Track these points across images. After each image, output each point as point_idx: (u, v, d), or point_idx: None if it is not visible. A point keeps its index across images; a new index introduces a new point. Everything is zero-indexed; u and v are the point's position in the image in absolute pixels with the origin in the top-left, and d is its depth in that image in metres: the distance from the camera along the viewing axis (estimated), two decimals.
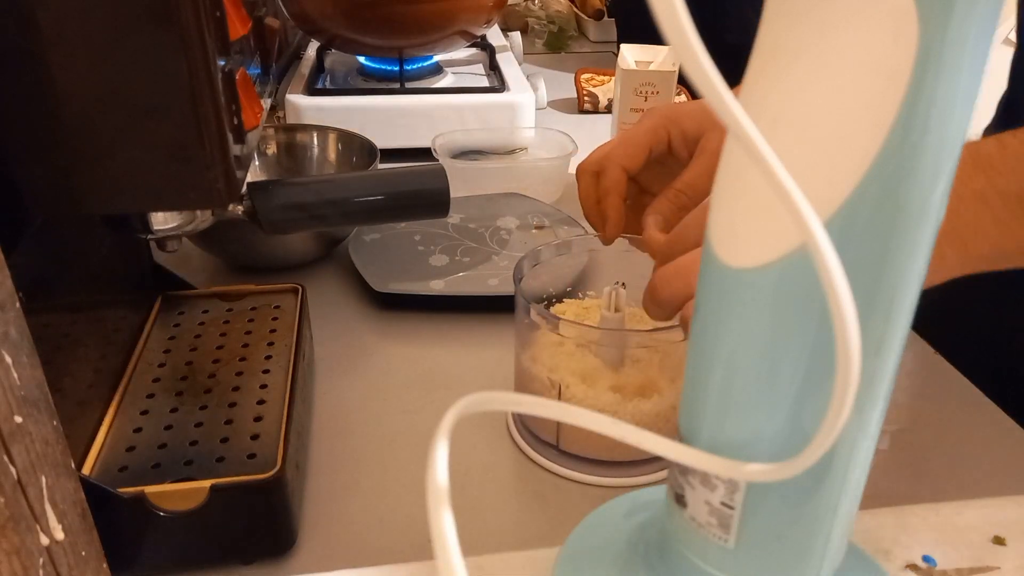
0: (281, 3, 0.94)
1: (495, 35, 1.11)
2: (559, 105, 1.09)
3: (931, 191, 0.25)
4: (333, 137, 0.76)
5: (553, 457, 0.47)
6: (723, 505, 0.31)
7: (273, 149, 0.76)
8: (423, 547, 0.41)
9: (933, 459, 0.49)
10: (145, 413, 0.44)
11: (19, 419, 0.26)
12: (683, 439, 0.32)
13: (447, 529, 0.23)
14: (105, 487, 0.37)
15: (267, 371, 0.48)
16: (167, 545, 0.39)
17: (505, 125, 0.90)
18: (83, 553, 0.31)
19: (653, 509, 0.39)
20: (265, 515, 0.40)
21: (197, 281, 0.57)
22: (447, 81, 0.98)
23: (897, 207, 0.24)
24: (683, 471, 0.32)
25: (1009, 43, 0.70)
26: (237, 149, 0.36)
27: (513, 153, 0.87)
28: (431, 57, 0.99)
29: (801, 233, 0.21)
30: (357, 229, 0.68)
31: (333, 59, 1.02)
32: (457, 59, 1.05)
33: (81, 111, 0.33)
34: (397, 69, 0.93)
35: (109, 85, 0.33)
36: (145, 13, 0.32)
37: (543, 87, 1.04)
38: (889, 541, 0.41)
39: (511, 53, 1.08)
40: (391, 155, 0.81)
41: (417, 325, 0.61)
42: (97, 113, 0.33)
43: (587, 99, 1.07)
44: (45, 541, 0.27)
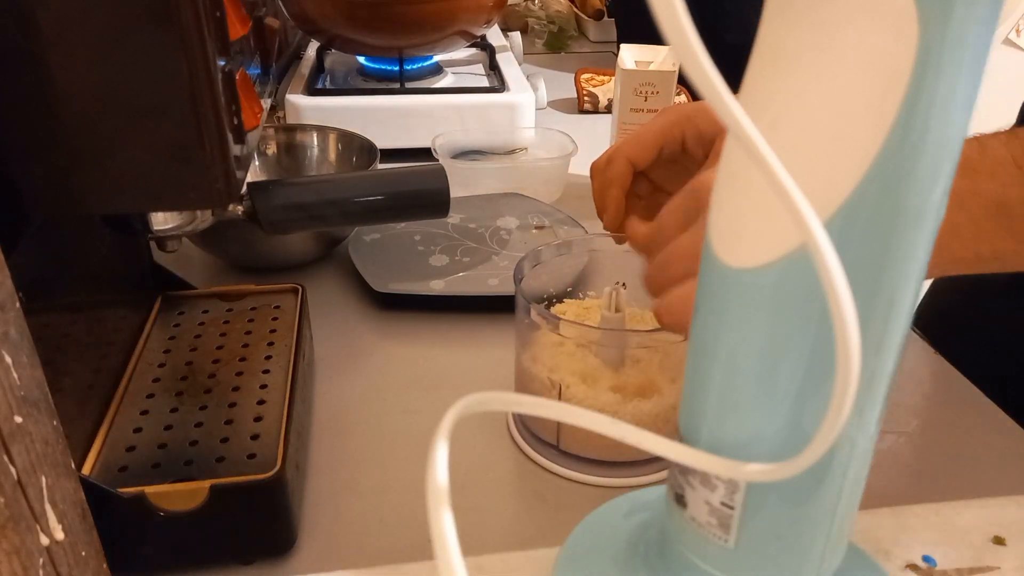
0: (281, 3, 0.94)
1: (495, 35, 1.11)
2: (559, 105, 1.09)
3: (931, 191, 0.25)
4: (333, 137, 0.75)
5: (553, 457, 0.47)
6: (723, 505, 0.31)
7: (273, 149, 0.76)
8: (423, 547, 0.41)
9: (933, 459, 0.49)
10: (145, 413, 0.45)
11: (19, 419, 0.26)
12: (683, 439, 0.32)
13: (447, 529, 0.23)
14: (105, 487, 0.37)
15: (267, 371, 0.48)
16: (167, 545, 0.39)
17: (505, 125, 0.90)
18: (83, 553, 0.31)
19: (653, 509, 0.39)
20: (265, 515, 0.40)
21: (197, 281, 0.57)
22: (447, 81, 0.98)
23: (897, 207, 0.24)
24: (683, 471, 0.32)
25: (1009, 43, 0.70)
26: (237, 149, 0.36)
27: (513, 153, 0.87)
28: (431, 57, 0.99)
29: (801, 233, 0.21)
30: (357, 229, 0.68)
31: (333, 59, 1.02)
32: (457, 59, 1.05)
33: (81, 111, 0.33)
34: (397, 69, 0.93)
35: (109, 85, 0.33)
36: (145, 13, 0.32)
37: (543, 87, 1.04)
38: (889, 541, 0.41)
39: (511, 53, 1.08)
40: (391, 155, 0.81)
41: (417, 325, 0.61)
42: (97, 113, 0.33)
43: (587, 99, 1.07)
44: (45, 541, 0.27)
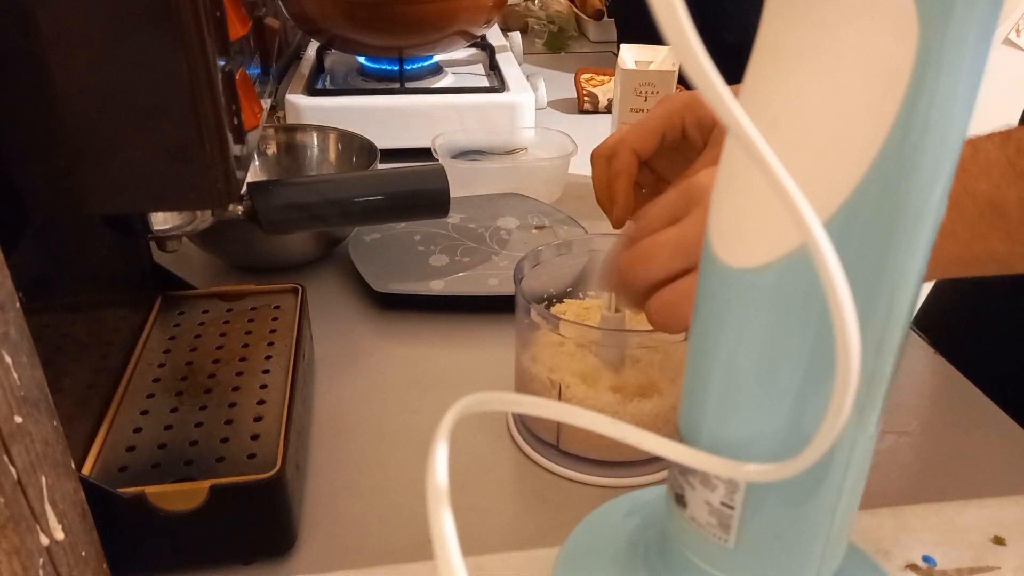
0: (281, 3, 0.94)
1: (495, 35, 1.11)
2: (559, 105, 1.09)
3: (931, 191, 0.25)
4: (333, 137, 0.75)
5: (553, 457, 0.47)
6: (723, 505, 0.31)
7: (273, 149, 0.76)
8: (423, 547, 0.41)
9: (933, 459, 0.49)
10: (145, 413, 0.44)
11: (19, 419, 0.26)
12: (683, 439, 0.32)
13: (447, 529, 0.23)
14: (105, 487, 0.37)
15: (267, 371, 0.48)
16: (167, 545, 0.39)
17: (505, 125, 0.90)
18: (83, 553, 0.31)
19: (653, 509, 0.39)
20: (265, 515, 0.40)
21: (197, 281, 0.57)
22: (447, 81, 0.98)
23: (897, 207, 0.24)
24: (683, 471, 0.32)
25: (1009, 43, 0.70)
26: (237, 149, 0.36)
27: (513, 153, 0.87)
28: (431, 57, 0.99)
29: (801, 233, 0.21)
30: (357, 229, 0.68)
31: (333, 59, 1.02)
32: (457, 59, 1.05)
33: (81, 111, 0.33)
34: (397, 69, 0.93)
35: (109, 85, 0.33)
36: (145, 13, 0.32)
37: (543, 87, 1.04)
38: (889, 541, 0.41)
39: (511, 53, 1.08)
40: (391, 155, 0.81)
41: (417, 325, 0.61)
42: (97, 113, 0.33)
43: (587, 99, 1.07)
44: (45, 541, 0.27)
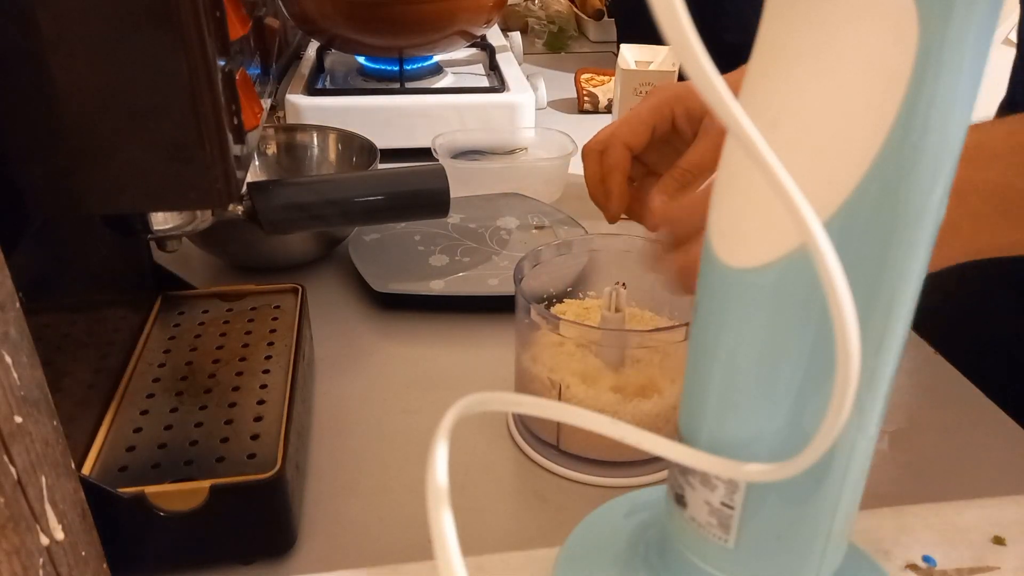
0: (281, 3, 0.94)
1: (495, 35, 1.11)
2: (559, 105, 1.09)
3: (931, 191, 0.25)
4: (333, 137, 0.75)
5: (553, 457, 0.47)
6: (723, 505, 0.31)
7: (273, 149, 0.76)
8: (423, 547, 0.41)
9: (933, 459, 0.49)
10: (145, 413, 0.44)
11: (19, 419, 0.26)
12: (683, 439, 0.32)
13: (447, 529, 0.23)
14: (105, 487, 0.37)
15: (267, 371, 0.48)
16: (167, 545, 0.39)
17: (505, 125, 0.90)
18: (83, 553, 0.31)
19: (653, 509, 0.39)
20: (265, 515, 0.40)
21: (197, 281, 0.57)
22: (447, 81, 0.98)
23: (897, 207, 0.24)
24: (683, 471, 0.32)
25: (1009, 43, 0.70)
26: (237, 149, 0.36)
27: (513, 153, 0.87)
28: (431, 57, 0.99)
29: (801, 233, 0.21)
30: (357, 229, 0.68)
31: (333, 59, 1.02)
32: (457, 59, 1.05)
33: (81, 111, 0.33)
34: (397, 69, 0.93)
35: (109, 85, 0.33)
36: (145, 13, 0.32)
37: (543, 87, 1.04)
38: (889, 541, 0.41)
39: (511, 53, 1.08)
40: (391, 155, 0.81)
41: (417, 325, 0.61)
42: (97, 113, 0.33)
43: (587, 99, 1.07)
44: (45, 541, 0.27)
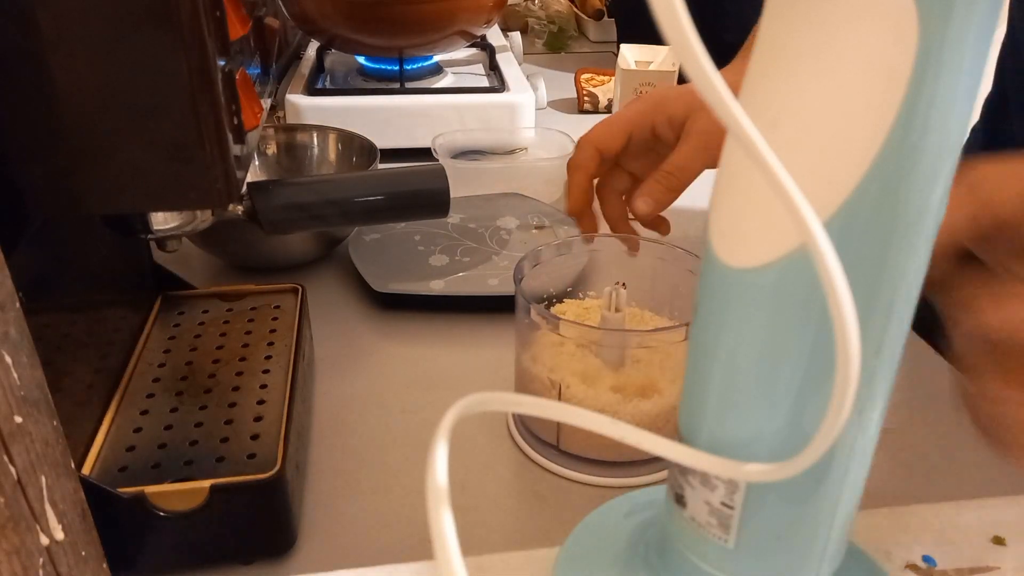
0: (281, 3, 0.94)
1: (495, 35, 1.11)
2: (559, 105, 1.09)
3: (931, 191, 0.25)
4: (333, 137, 0.75)
5: (553, 457, 0.47)
6: (723, 505, 0.31)
7: (273, 149, 0.76)
8: (423, 547, 0.41)
9: (933, 459, 0.49)
10: (145, 413, 0.44)
11: (19, 419, 0.26)
12: (683, 439, 0.32)
13: (447, 529, 0.23)
14: (105, 487, 0.37)
15: (267, 371, 0.48)
16: (167, 545, 0.39)
17: (505, 125, 0.90)
18: (83, 553, 0.31)
19: (653, 509, 0.39)
20: (265, 515, 0.40)
21: (197, 281, 0.57)
22: (447, 81, 0.98)
23: (897, 207, 0.24)
24: (683, 471, 0.32)
25: None
26: (237, 149, 0.36)
27: (513, 153, 0.87)
28: (431, 57, 0.98)
29: (801, 233, 0.21)
30: (357, 229, 0.68)
31: (333, 59, 1.02)
32: (457, 59, 1.05)
33: (81, 111, 0.33)
34: (397, 69, 0.93)
35: (109, 85, 0.33)
36: (145, 13, 0.32)
37: (543, 87, 1.04)
38: (889, 541, 0.41)
39: (511, 53, 1.08)
40: (391, 155, 0.81)
41: (417, 325, 0.61)
42: (97, 113, 0.33)
43: (587, 99, 1.07)
44: (45, 541, 0.27)
